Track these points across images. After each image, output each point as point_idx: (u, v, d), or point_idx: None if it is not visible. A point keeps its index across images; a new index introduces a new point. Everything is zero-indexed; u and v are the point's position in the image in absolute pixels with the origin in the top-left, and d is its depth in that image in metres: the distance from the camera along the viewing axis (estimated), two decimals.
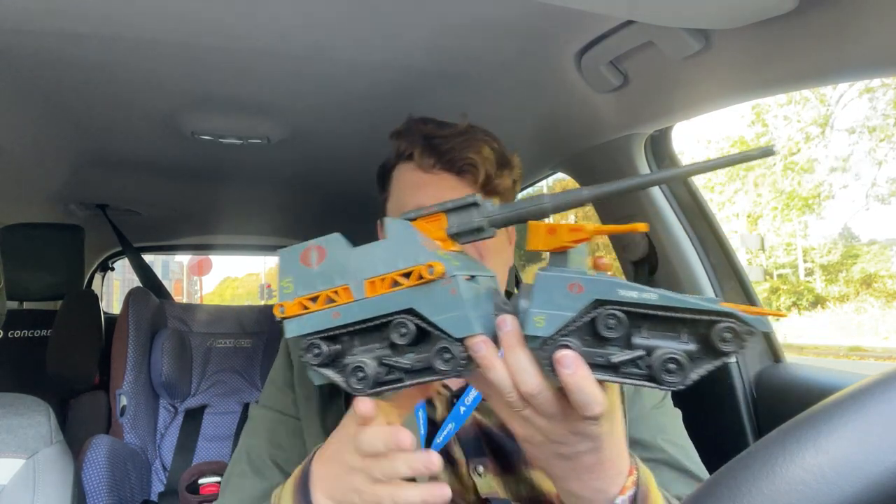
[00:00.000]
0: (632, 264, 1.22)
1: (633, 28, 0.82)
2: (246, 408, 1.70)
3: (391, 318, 0.45)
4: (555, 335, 0.41)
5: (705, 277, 1.11)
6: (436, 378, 0.44)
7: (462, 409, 0.68)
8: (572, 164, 1.29)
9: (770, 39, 0.72)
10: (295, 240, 1.13)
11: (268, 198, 1.97)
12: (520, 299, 0.43)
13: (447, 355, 0.43)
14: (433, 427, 0.69)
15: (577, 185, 0.97)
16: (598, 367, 0.41)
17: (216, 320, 1.83)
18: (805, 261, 17.58)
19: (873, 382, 0.27)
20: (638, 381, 0.40)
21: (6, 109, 1.12)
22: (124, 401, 1.48)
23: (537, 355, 0.42)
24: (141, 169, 1.58)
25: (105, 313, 1.90)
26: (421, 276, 0.43)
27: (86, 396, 1.76)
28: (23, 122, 1.20)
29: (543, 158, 1.31)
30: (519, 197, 0.84)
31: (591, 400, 0.40)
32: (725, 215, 16.78)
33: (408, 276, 0.44)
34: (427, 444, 0.67)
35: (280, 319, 0.48)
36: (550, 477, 0.48)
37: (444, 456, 0.68)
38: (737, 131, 16.86)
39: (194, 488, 1.45)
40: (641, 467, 0.49)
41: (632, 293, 0.39)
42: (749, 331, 0.37)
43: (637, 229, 0.42)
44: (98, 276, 2.67)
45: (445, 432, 0.67)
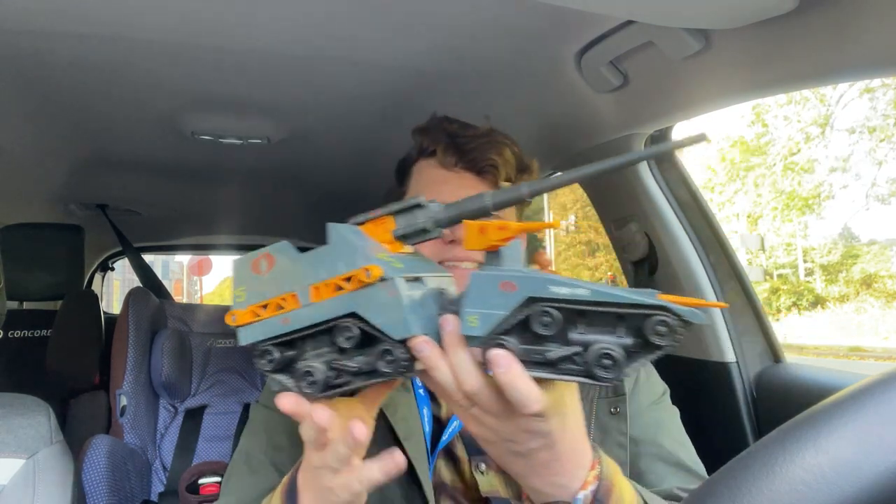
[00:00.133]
0: (632, 265, 1.22)
1: (633, 28, 0.82)
2: (246, 408, 1.69)
3: (336, 322, 0.45)
4: (493, 334, 0.41)
5: (705, 278, 1.10)
6: (382, 380, 0.44)
7: None
8: (572, 165, 1.29)
9: (770, 39, 0.72)
10: (295, 240, 1.13)
11: (268, 198, 1.97)
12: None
13: (389, 357, 0.43)
14: (438, 425, 0.69)
15: (576, 186, 0.97)
16: (536, 364, 0.41)
17: (216, 320, 1.83)
18: (805, 261, 17.59)
19: (873, 383, 0.27)
20: (575, 378, 0.40)
21: (6, 109, 1.12)
22: (124, 401, 1.48)
23: (479, 354, 0.42)
24: (141, 169, 1.58)
25: (105, 313, 1.91)
26: (361, 280, 0.43)
27: (86, 396, 1.76)
28: (23, 122, 1.20)
29: (543, 158, 1.31)
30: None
31: (527, 398, 0.40)
32: (725, 215, 16.79)
33: (349, 281, 0.44)
34: (432, 441, 0.67)
35: (234, 328, 0.49)
36: (511, 474, 0.48)
37: (448, 453, 0.68)
38: (737, 131, 16.89)
39: (194, 488, 1.44)
40: (606, 461, 0.48)
41: (563, 289, 0.39)
42: (683, 323, 0.37)
43: (553, 226, 0.46)
44: (98, 276, 2.68)
45: (451, 430, 0.67)
